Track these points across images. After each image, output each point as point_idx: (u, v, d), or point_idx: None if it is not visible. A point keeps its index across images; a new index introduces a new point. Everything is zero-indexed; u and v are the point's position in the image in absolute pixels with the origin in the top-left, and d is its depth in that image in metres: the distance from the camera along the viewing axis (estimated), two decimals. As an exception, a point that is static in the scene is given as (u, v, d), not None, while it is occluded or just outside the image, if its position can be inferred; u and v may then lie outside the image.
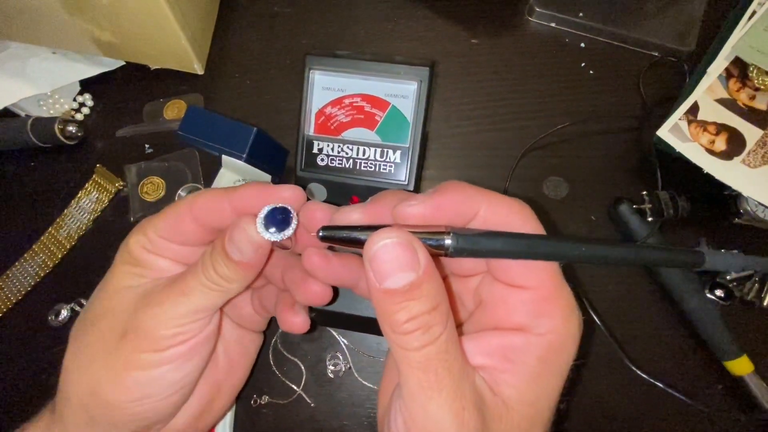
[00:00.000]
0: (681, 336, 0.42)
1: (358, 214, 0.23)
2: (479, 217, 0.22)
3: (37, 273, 0.47)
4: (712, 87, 0.42)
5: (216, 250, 0.25)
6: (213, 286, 0.26)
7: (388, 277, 0.20)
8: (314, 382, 0.42)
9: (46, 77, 0.52)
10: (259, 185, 0.27)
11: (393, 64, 0.37)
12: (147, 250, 0.27)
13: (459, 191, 0.22)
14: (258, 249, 0.25)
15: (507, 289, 0.23)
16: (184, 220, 0.27)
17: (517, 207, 0.22)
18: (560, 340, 0.22)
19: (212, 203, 0.26)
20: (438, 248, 0.21)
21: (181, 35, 0.48)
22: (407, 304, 0.20)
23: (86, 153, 0.51)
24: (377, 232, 0.20)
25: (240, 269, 0.25)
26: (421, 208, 0.21)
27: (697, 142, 0.41)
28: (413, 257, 0.20)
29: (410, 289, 0.20)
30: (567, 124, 0.47)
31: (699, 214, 0.43)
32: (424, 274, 0.20)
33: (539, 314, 0.22)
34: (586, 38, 0.52)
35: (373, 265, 0.20)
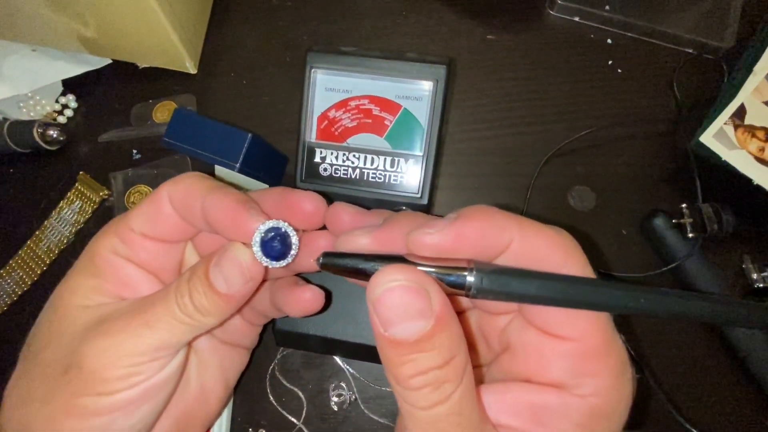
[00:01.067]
0: (728, 370, 0.38)
1: (367, 239, 0.20)
2: (511, 250, 0.18)
3: (14, 291, 0.43)
4: (760, 88, 0.38)
5: (196, 275, 0.22)
6: (185, 319, 0.22)
7: (394, 325, 0.17)
8: (316, 414, 0.38)
9: (25, 77, 0.48)
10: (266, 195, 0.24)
11: (405, 61, 0.33)
12: (116, 254, 0.24)
13: (486, 218, 0.18)
14: (250, 281, 0.22)
15: (543, 337, 0.19)
16: (162, 207, 0.23)
17: (559, 240, 0.19)
18: (607, 405, 0.18)
19: (188, 196, 0.23)
20: (458, 287, 0.18)
21: (171, 30, 0.44)
22: (415, 356, 0.17)
23: (69, 159, 0.47)
24: (383, 270, 0.17)
25: (222, 302, 0.22)
26: (439, 237, 0.18)
27: (745, 150, 0.37)
28: (425, 304, 0.17)
29: (420, 340, 0.17)
30: (594, 129, 0.43)
31: (743, 229, 0.39)
32: (437, 324, 0.17)
33: (582, 372, 0.18)
34: (614, 33, 0.48)
35: (377, 309, 0.17)
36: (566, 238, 0.19)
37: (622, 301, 0.17)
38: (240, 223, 0.22)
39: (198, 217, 0.23)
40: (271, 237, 0.22)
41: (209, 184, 0.23)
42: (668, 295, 0.18)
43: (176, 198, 0.23)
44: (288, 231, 0.23)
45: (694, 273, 0.38)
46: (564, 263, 0.18)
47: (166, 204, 0.23)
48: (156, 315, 0.22)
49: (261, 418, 0.38)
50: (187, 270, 0.23)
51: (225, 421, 0.36)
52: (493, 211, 0.19)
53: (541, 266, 0.18)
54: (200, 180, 0.23)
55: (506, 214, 0.19)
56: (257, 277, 0.22)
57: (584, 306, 0.18)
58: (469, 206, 0.19)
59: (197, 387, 0.27)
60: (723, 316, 0.18)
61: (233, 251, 0.22)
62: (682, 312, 0.18)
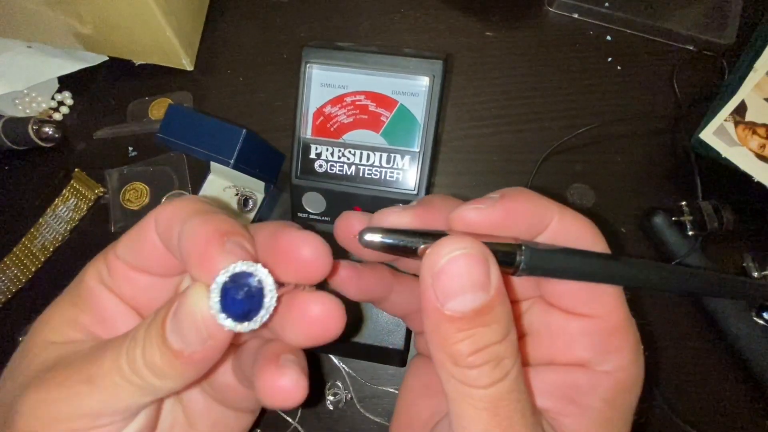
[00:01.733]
0: (725, 364, 0.38)
1: (408, 217, 0.19)
2: (549, 231, 0.19)
3: (8, 288, 0.43)
4: (761, 84, 0.38)
5: (155, 323, 0.17)
6: (134, 380, 0.17)
7: (455, 297, 0.16)
8: (312, 414, 0.38)
9: (21, 73, 0.48)
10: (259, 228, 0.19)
11: (401, 57, 0.33)
12: (102, 283, 0.21)
13: (532, 199, 0.19)
14: (209, 340, 0.17)
15: (566, 317, 0.20)
16: (146, 235, 0.20)
17: (590, 225, 0.20)
18: (629, 379, 0.19)
19: (171, 221, 0.19)
20: (507, 265, 0.18)
21: (167, 27, 0.44)
22: (475, 331, 0.16)
23: (64, 156, 0.47)
24: (444, 239, 0.16)
25: (180, 364, 0.17)
26: (488, 213, 0.18)
27: (746, 147, 0.37)
28: (486, 274, 0.16)
29: (480, 313, 0.16)
30: (593, 126, 0.43)
31: (743, 227, 0.39)
32: (496, 295, 0.16)
33: (606, 348, 0.19)
34: (613, 30, 0.47)
35: (438, 281, 0.16)
36: (594, 225, 0.20)
37: (651, 275, 0.19)
38: (206, 258, 0.17)
39: (176, 248, 0.18)
40: (237, 286, 0.16)
41: (198, 208, 0.19)
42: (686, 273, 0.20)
43: (161, 224, 0.19)
44: (264, 280, 0.17)
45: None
46: (593, 245, 0.19)
47: (152, 231, 0.20)
48: (101, 369, 0.17)
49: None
50: (152, 314, 0.18)
51: None
52: (532, 192, 0.19)
53: (577, 246, 0.19)
54: (191, 203, 0.19)
55: (546, 198, 0.19)
56: (219, 335, 0.17)
57: (620, 281, 0.19)
58: (508, 188, 0.19)
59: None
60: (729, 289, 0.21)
61: (191, 298, 0.17)
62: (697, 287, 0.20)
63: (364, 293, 0.23)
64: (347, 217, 0.21)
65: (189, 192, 0.44)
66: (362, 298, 0.23)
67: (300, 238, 0.18)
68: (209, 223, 0.17)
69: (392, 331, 0.34)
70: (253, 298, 0.16)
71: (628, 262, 0.19)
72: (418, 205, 0.20)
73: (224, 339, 0.17)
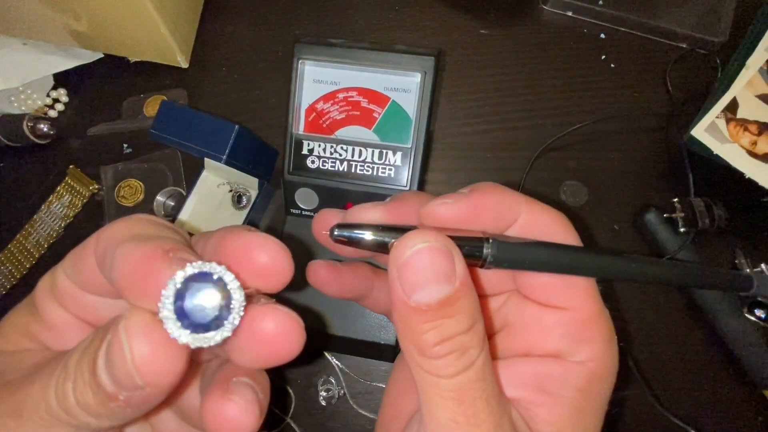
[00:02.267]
0: (717, 361, 0.38)
1: (379, 213, 0.20)
2: (518, 224, 0.19)
3: (2, 285, 0.43)
4: (753, 81, 0.38)
5: (86, 356, 0.15)
6: (64, 417, 0.15)
7: (420, 289, 0.16)
8: (304, 410, 0.38)
9: (16, 70, 0.48)
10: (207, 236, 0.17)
11: (393, 53, 0.33)
12: (51, 295, 0.19)
13: (499, 193, 0.19)
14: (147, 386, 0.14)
15: (540, 309, 0.20)
16: (87, 257, 0.17)
17: (559, 218, 0.20)
18: (601, 370, 0.19)
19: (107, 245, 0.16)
20: (473, 258, 0.18)
21: (162, 25, 0.44)
22: (441, 322, 0.16)
23: (59, 153, 0.47)
24: (409, 234, 0.17)
25: (116, 406, 0.14)
26: (456, 208, 0.18)
27: (737, 143, 0.37)
28: (451, 266, 0.17)
29: (445, 303, 0.16)
30: (586, 123, 0.43)
31: (734, 223, 0.39)
32: (461, 287, 0.17)
33: (579, 339, 0.19)
34: (607, 28, 0.48)
35: (403, 273, 0.16)
36: (564, 217, 0.20)
37: (620, 267, 0.19)
38: (144, 276, 0.14)
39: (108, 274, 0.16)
40: (195, 290, 0.14)
41: (139, 230, 0.16)
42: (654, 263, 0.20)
43: (100, 247, 0.17)
44: (225, 277, 0.14)
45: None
46: (564, 238, 0.19)
47: (91, 253, 0.17)
48: (29, 401, 0.15)
49: (249, 413, 0.38)
50: (88, 337, 0.15)
51: None
52: (501, 187, 0.19)
53: (547, 239, 0.19)
54: (135, 223, 0.17)
55: (513, 191, 0.19)
56: (159, 380, 0.14)
57: (586, 272, 0.19)
58: (477, 183, 0.19)
59: None
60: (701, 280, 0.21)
61: (122, 333, 0.14)
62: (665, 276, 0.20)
63: (345, 291, 0.23)
64: (323, 215, 0.22)
65: (184, 189, 0.44)
66: (343, 295, 0.23)
67: (254, 241, 0.16)
68: (147, 243, 0.15)
69: (384, 327, 0.34)
70: (215, 302, 0.14)
71: (594, 254, 0.19)
72: (391, 201, 0.20)
73: (168, 382, 0.14)
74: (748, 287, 0.23)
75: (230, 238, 0.16)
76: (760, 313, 0.37)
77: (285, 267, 0.16)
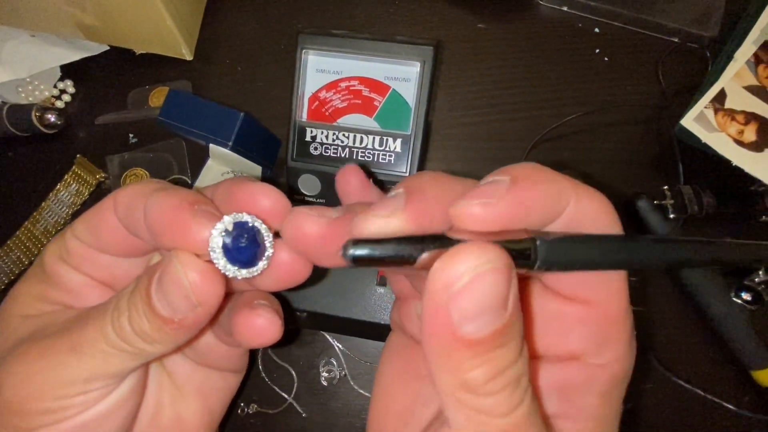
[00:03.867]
0: (704, 343, 0.39)
1: (398, 220, 0.15)
2: (565, 215, 0.16)
3: (11, 270, 0.44)
4: (740, 73, 0.39)
5: (138, 292, 0.17)
6: (123, 346, 0.17)
7: (474, 319, 0.13)
8: (306, 390, 0.39)
9: (24, 62, 0.49)
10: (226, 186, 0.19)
11: (394, 43, 0.34)
12: (62, 261, 0.21)
13: (547, 181, 0.15)
14: (198, 307, 0.17)
15: (562, 302, 0.17)
16: (107, 218, 0.20)
17: (605, 203, 0.17)
18: (624, 370, 0.17)
19: (132, 202, 0.18)
20: (522, 265, 0.15)
21: (167, 17, 0.45)
22: (494, 354, 0.14)
23: (66, 142, 0.48)
24: (461, 250, 0.14)
25: (170, 329, 0.17)
26: (498, 208, 0.14)
27: (725, 132, 0.38)
28: (511, 286, 0.14)
29: (499, 334, 0.14)
30: (580, 114, 0.44)
31: (723, 210, 0.40)
32: (514, 309, 0.14)
33: (603, 340, 0.17)
34: (601, 23, 0.49)
35: (457, 302, 0.13)
36: (607, 200, 0.17)
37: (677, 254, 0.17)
38: (181, 226, 0.17)
39: (143, 228, 0.18)
40: (236, 236, 0.17)
41: (158, 186, 0.19)
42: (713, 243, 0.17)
43: (121, 206, 0.19)
44: (258, 226, 0.18)
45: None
46: (612, 226, 0.17)
47: (110, 214, 0.19)
48: (86, 338, 0.17)
49: (253, 393, 0.39)
50: (133, 282, 0.18)
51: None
52: (548, 170, 0.16)
53: (592, 230, 0.16)
54: (150, 183, 0.19)
55: (561, 176, 0.16)
56: (210, 300, 0.17)
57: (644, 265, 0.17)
58: (515, 165, 0.16)
59: (172, 417, 0.23)
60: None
61: (175, 266, 0.17)
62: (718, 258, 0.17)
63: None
64: (297, 217, 0.17)
65: (188, 177, 0.46)
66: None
67: (257, 189, 0.18)
68: (173, 196, 0.17)
69: (385, 308, 0.35)
70: (254, 243, 0.17)
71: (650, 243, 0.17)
72: (408, 202, 0.16)
73: (215, 303, 0.17)
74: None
75: (238, 189, 0.18)
76: (746, 296, 0.38)
77: (284, 208, 0.18)
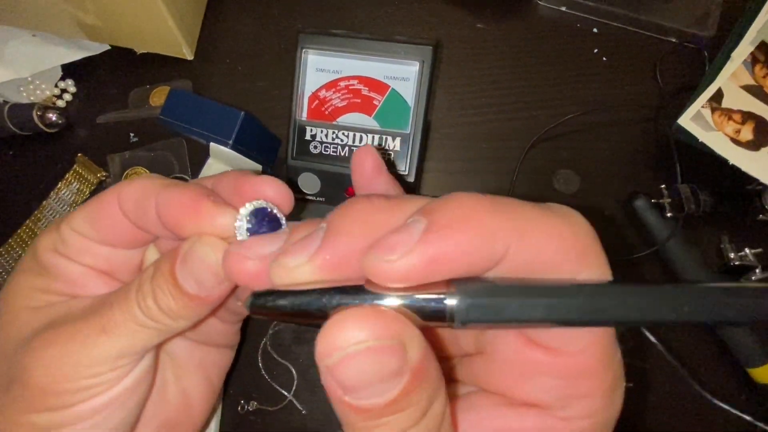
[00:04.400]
0: (701, 340, 0.39)
1: (308, 269, 0.14)
2: (509, 259, 0.14)
3: (13, 268, 0.44)
4: (737, 73, 0.39)
5: (161, 273, 0.19)
6: (150, 323, 0.19)
7: (359, 391, 0.13)
8: (306, 387, 0.39)
9: (25, 61, 0.49)
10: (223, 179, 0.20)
11: (393, 43, 0.34)
12: (59, 253, 0.21)
13: (471, 227, 0.13)
14: (226, 281, 0.19)
15: (530, 349, 0.15)
16: (110, 211, 0.20)
17: (570, 236, 0.14)
18: (594, 427, 0.16)
19: (141, 196, 0.20)
20: (436, 319, 0.14)
21: (168, 17, 0.45)
22: (387, 420, 0.13)
23: (67, 142, 0.48)
24: (339, 326, 0.13)
25: (194, 304, 0.19)
26: (407, 263, 0.13)
27: (722, 132, 0.38)
28: (400, 362, 0.13)
29: (393, 402, 0.13)
30: (578, 114, 0.44)
31: (720, 209, 0.40)
32: (413, 379, 0.13)
33: (572, 394, 0.15)
34: (599, 23, 0.49)
35: (335, 375, 0.13)
36: (580, 230, 0.14)
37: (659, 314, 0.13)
38: (200, 213, 0.18)
39: (153, 220, 0.19)
40: (259, 220, 0.19)
41: (162, 182, 0.20)
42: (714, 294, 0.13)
43: (128, 201, 0.20)
44: (275, 212, 0.20)
45: (674, 252, 0.39)
46: (579, 267, 0.14)
47: (114, 208, 0.20)
48: (114, 320, 0.19)
49: (253, 391, 0.39)
50: (149, 266, 0.20)
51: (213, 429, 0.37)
52: (479, 212, 0.13)
53: (549, 274, 0.14)
54: (156, 179, 0.20)
55: (497, 213, 0.14)
56: (236, 275, 0.18)
57: (605, 323, 0.14)
58: (443, 200, 0.14)
59: (177, 392, 0.24)
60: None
61: (202, 247, 0.18)
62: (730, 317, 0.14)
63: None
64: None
65: (189, 176, 0.46)
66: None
67: (261, 181, 0.20)
68: (188, 189, 0.19)
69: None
70: (273, 226, 0.19)
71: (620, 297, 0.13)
72: (325, 242, 0.14)
73: (239, 278, 0.18)
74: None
75: (244, 180, 0.20)
76: (743, 295, 0.38)
77: (288, 195, 0.20)
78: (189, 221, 0.18)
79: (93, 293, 0.21)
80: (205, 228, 0.18)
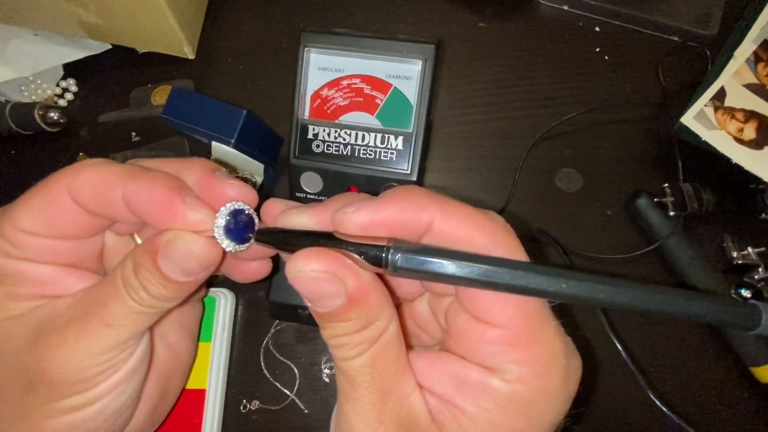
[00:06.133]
0: (704, 339, 0.39)
1: (306, 217, 0.21)
2: (434, 230, 0.18)
3: (14, 268, 0.44)
4: (740, 71, 0.39)
5: (145, 269, 0.21)
6: (146, 310, 0.21)
7: (313, 301, 0.19)
8: (308, 386, 0.39)
9: (27, 60, 0.49)
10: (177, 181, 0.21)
11: (395, 42, 0.34)
12: (13, 258, 0.21)
13: (406, 198, 0.18)
14: (210, 267, 0.22)
15: (473, 322, 0.19)
16: (61, 204, 0.21)
17: (485, 222, 0.18)
18: (529, 393, 0.18)
19: (100, 188, 0.21)
20: (377, 264, 0.18)
21: (170, 16, 0.45)
22: (334, 324, 0.19)
23: (69, 141, 0.48)
24: (296, 257, 0.19)
25: (184, 287, 0.22)
26: (361, 215, 0.18)
27: (725, 130, 0.38)
28: (335, 289, 0.18)
29: (334, 314, 0.19)
30: (581, 112, 0.44)
31: (723, 208, 0.40)
32: (349, 302, 0.18)
33: (506, 359, 0.18)
34: (601, 22, 0.49)
35: (296, 287, 0.19)
36: (493, 222, 0.19)
37: (541, 285, 0.17)
38: (174, 212, 0.20)
39: (118, 209, 0.21)
40: (237, 219, 0.22)
41: (123, 170, 0.21)
42: (598, 283, 0.16)
43: (82, 192, 0.20)
44: (252, 214, 0.22)
45: (676, 251, 0.39)
46: (489, 245, 0.18)
47: (65, 200, 0.21)
48: (114, 314, 0.21)
49: (255, 389, 0.39)
50: (126, 261, 0.21)
51: (219, 394, 0.37)
52: (416, 191, 0.19)
53: (464, 248, 0.18)
54: (111, 166, 0.21)
55: (430, 195, 0.19)
56: (217, 261, 0.22)
57: (502, 288, 0.17)
58: (398, 187, 0.19)
59: (165, 348, 0.28)
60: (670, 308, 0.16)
61: (184, 241, 0.21)
62: (611, 300, 0.16)
63: None
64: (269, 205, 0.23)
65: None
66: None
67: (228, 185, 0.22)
68: (156, 183, 0.21)
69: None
70: (248, 226, 0.22)
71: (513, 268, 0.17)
72: (319, 205, 0.21)
73: (218, 262, 0.22)
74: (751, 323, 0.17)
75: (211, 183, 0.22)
76: (746, 293, 0.38)
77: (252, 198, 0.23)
78: (167, 218, 0.20)
79: (70, 289, 0.22)
80: (182, 225, 0.21)
